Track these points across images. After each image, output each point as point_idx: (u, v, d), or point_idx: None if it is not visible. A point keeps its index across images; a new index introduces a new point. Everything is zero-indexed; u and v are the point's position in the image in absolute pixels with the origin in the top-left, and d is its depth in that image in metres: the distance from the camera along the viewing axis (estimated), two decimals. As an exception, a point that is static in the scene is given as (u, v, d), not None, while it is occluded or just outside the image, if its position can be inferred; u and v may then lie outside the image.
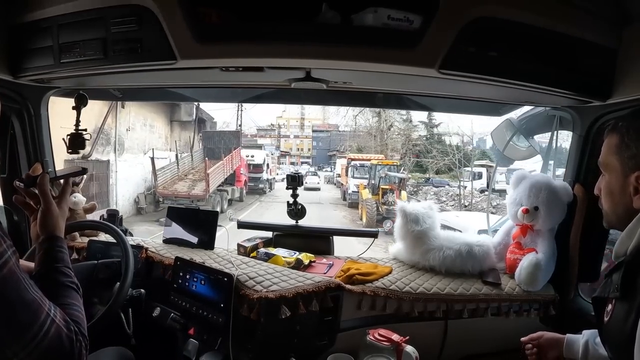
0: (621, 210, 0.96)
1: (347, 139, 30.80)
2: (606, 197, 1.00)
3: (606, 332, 0.95)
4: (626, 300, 0.85)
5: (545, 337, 1.30)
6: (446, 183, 20.63)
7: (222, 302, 1.52)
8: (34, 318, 0.72)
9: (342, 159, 25.65)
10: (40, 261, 0.92)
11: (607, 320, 0.92)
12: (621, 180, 0.94)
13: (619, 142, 0.94)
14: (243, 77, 1.54)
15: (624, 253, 0.90)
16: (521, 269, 1.65)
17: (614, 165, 0.96)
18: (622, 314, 0.85)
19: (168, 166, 15.48)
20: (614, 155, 0.96)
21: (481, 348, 1.71)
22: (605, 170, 1.00)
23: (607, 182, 0.99)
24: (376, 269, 1.73)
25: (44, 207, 0.98)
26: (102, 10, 1.24)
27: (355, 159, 19.51)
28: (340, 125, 32.46)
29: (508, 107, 1.91)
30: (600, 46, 1.26)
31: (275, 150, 37.21)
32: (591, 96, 1.34)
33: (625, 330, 0.81)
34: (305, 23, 1.18)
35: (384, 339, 1.42)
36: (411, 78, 1.34)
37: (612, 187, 0.97)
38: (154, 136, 16.43)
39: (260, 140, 36.62)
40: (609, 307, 0.92)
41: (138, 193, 14.39)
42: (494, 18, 1.16)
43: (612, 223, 1.01)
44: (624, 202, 0.94)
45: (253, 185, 20.25)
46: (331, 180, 28.48)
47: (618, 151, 0.94)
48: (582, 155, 1.63)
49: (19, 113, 1.75)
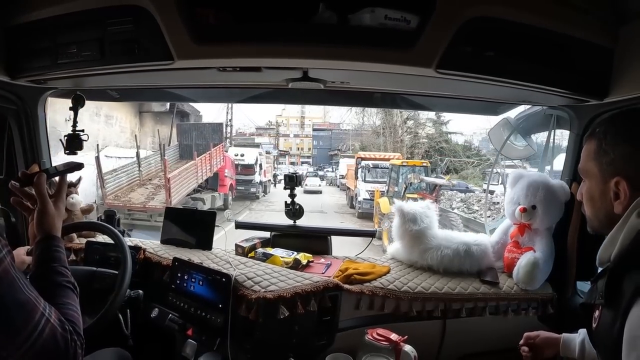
0: (602, 215, 0.96)
1: (350, 138, 29.58)
2: (587, 202, 1.00)
3: (595, 337, 0.95)
4: (611, 307, 0.84)
5: (541, 337, 1.30)
6: (465, 186, 16.84)
7: (221, 302, 1.52)
8: (28, 318, 0.72)
9: (346, 158, 23.52)
10: (36, 261, 0.92)
11: (595, 326, 0.92)
12: (601, 186, 0.93)
13: (597, 148, 0.94)
14: (240, 78, 1.54)
15: (608, 260, 0.90)
16: (519, 268, 1.65)
17: (593, 171, 0.95)
18: (609, 321, 0.84)
19: (125, 167, 12.37)
20: (592, 162, 0.95)
21: (479, 347, 1.71)
22: (585, 177, 0.99)
23: (587, 188, 0.99)
24: (374, 269, 1.73)
25: (41, 206, 0.97)
26: (99, 10, 1.24)
27: (368, 158, 16.27)
28: (342, 123, 31.81)
29: (505, 107, 1.92)
30: (597, 45, 1.26)
31: (274, 149, 35.78)
32: (588, 95, 1.35)
33: (612, 336, 0.81)
34: (302, 23, 1.18)
35: (382, 339, 1.42)
36: (408, 78, 1.34)
37: (593, 193, 0.97)
38: (113, 130, 14.07)
39: (259, 139, 35.52)
40: (596, 314, 0.92)
41: (87, 203, 10.66)
42: (490, 18, 1.16)
43: (595, 228, 1.01)
44: (605, 208, 0.94)
45: (243, 190, 17.71)
46: (334, 182, 26.65)
47: (596, 157, 0.94)
48: (579, 154, 1.63)
49: (16, 114, 1.74)
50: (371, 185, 13.61)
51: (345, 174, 20.86)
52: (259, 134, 39.09)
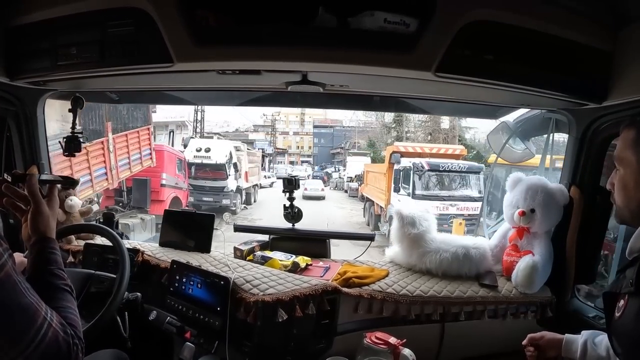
0: (634, 205, 0.94)
1: (356, 134, 27.56)
2: (619, 191, 0.98)
3: (617, 328, 0.94)
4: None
5: (545, 338, 1.30)
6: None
7: (219, 305, 1.51)
8: (31, 322, 0.71)
9: (356, 156, 20.46)
10: (32, 263, 0.91)
11: (619, 316, 0.91)
12: (636, 175, 0.93)
13: (636, 136, 0.93)
14: (240, 80, 1.54)
15: (639, 249, 0.90)
16: (518, 271, 1.65)
17: (630, 159, 0.94)
18: (636, 310, 0.84)
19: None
20: (630, 150, 0.94)
21: (478, 350, 1.70)
22: (620, 165, 0.98)
23: (621, 176, 0.98)
24: (373, 272, 1.73)
25: (34, 207, 0.96)
26: (99, 12, 1.24)
27: (413, 154, 10.52)
28: (345, 120, 30.06)
29: (504, 110, 1.92)
30: (596, 49, 1.27)
31: (269, 146, 33.54)
32: (587, 99, 1.35)
33: (639, 326, 0.81)
34: (302, 26, 1.18)
35: (381, 342, 1.41)
36: (408, 81, 1.34)
37: (627, 182, 0.96)
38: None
39: (253, 136, 32.94)
40: (621, 303, 0.91)
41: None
42: (489, 22, 1.16)
43: (625, 218, 0.99)
44: (637, 197, 0.93)
45: (212, 202, 12.75)
46: (339, 185, 22.84)
47: (634, 145, 0.93)
48: (578, 157, 1.64)
49: (15, 115, 1.74)
50: (432, 204, 6.99)
51: (360, 178, 15.25)
52: (255, 131, 37.02)
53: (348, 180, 20.45)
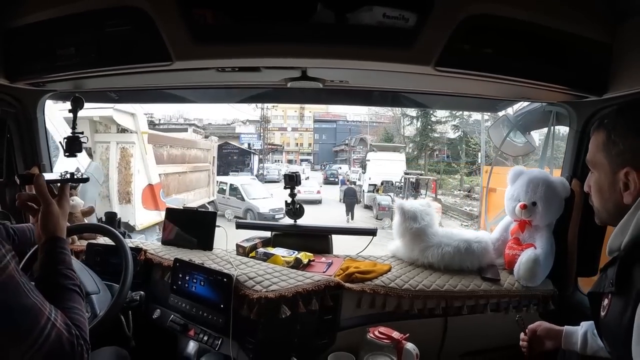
0: (611, 206, 0.96)
1: (367, 129, 24.67)
2: (596, 194, 1.01)
3: (603, 327, 0.96)
4: (622, 294, 0.86)
5: (542, 327, 1.31)
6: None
7: (222, 302, 1.52)
8: (34, 323, 0.72)
9: (381, 152, 14.61)
10: (42, 263, 0.92)
11: (604, 315, 0.93)
12: (610, 177, 0.94)
13: (606, 139, 0.95)
14: (239, 77, 1.54)
15: (618, 248, 0.91)
16: (520, 265, 1.65)
17: (602, 162, 0.96)
18: (619, 309, 0.85)
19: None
20: (601, 153, 0.96)
21: (481, 344, 1.71)
22: (594, 168, 1.00)
23: (596, 179, 1.00)
24: (375, 267, 1.74)
25: (44, 207, 0.97)
26: (97, 12, 1.23)
27: None
28: (349, 114, 26.80)
29: (504, 103, 1.92)
30: (595, 41, 1.26)
31: (258, 140, 28.96)
32: (587, 91, 1.34)
33: (623, 324, 0.82)
34: (300, 23, 1.18)
35: (384, 337, 1.42)
36: (407, 76, 1.34)
37: (601, 184, 0.98)
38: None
39: (240, 129, 28.71)
40: (605, 302, 0.93)
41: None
42: (488, 15, 1.16)
43: (604, 219, 1.02)
44: (613, 199, 0.95)
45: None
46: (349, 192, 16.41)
47: (605, 148, 0.95)
48: (579, 150, 1.64)
49: (15, 117, 1.74)
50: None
51: (392, 185, 11.68)
52: (244, 123, 32.90)
53: (370, 190, 13.88)
